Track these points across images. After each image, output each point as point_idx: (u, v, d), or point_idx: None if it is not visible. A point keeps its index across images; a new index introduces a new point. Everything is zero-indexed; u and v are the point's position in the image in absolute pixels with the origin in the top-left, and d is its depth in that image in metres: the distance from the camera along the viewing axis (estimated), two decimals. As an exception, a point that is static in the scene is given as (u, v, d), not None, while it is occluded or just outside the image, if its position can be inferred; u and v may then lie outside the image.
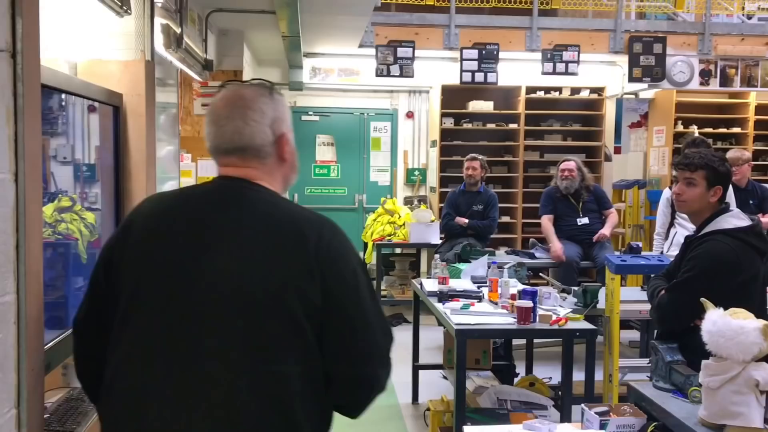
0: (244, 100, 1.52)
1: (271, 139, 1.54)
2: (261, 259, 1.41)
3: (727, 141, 8.14)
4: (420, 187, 9.20)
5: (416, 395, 4.71)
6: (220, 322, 1.39)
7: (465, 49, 7.40)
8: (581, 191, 5.99)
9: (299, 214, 1.50)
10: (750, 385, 1.92)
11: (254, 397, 1.36)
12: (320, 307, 1.40)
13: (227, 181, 1.53)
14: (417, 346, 4.74)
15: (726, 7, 7.95)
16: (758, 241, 2.72)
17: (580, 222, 5.95)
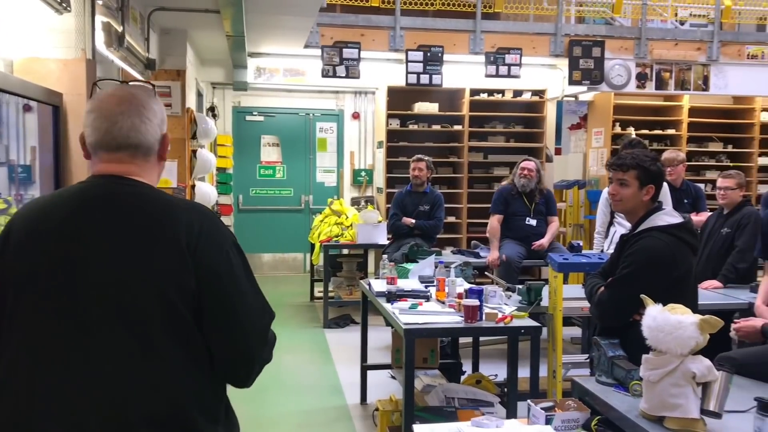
0: (139, 99, 1.56)
1: (158, 138, 1.59)
2: (135, 253, 1.45)
3: (662, 142, 8.43)
4: (367, 188, 9.22)
5: (365, 396, 4.71)
6: (101, 320, 1.42)
7: (410, 50, 7.46)
8: (536, 193, 6.10)
9: (169, 203, 1.53)
10: (687, 378, 2.00)
11: (141, 390, 1.40)
12: (196, 292, 1.45)
13: (102, 180, 1.55)
14: (365, 347, 4.75)
15: (660, 13, 8.23)
16: (689, 237, 2.83)
17: (528, 222, 6.06)
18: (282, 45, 7.48)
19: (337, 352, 5.89)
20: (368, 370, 4.75)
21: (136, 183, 1.55)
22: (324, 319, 6.81)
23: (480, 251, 6.31)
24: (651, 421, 2.08)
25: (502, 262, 5.88)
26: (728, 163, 8.49)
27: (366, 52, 7.48)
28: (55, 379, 1.40)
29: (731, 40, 8.07)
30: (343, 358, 5.67)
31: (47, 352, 1.42)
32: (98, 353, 1.41)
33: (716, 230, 4.93)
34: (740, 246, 4.73)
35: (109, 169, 1.55)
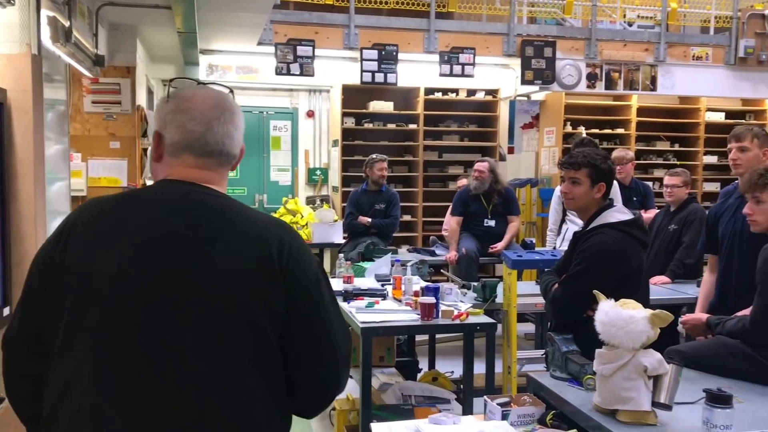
0: (231, 106, 1.48)
1: (241, 148, 1.53)
2: (223, 269, 1.34)
3: (612, 141, 8.61)
4: (322, 187, 9.18)
5: (321, 395, 4.69)
6: (183, 337, 1.31)
7: (365, 49, 7.45)
8: (493, 193, 6.15)
9: (257, 219, 1.44)
10: (639, 371, 2.04)
11: (222, 414, 1.30)
12: (284, 315, 1.36)
13: (181, 186, 1.43)
14: (321, 346, 4.73)
15: (609, 15, 8.41)
16: (640, 233, 2.89)
17: (486, 223, 6.12)
18: (235, 42, 7.38)
19: (293, 352, 5.83)
20: (325, 369, 4.73)
21: (221, 195, 1.45)
22: (279, 319, 6.74)
23: (436, 249, 6.36)
24: (604, 415, 2.12)
25: (463, 255, 5.93)
26: (675, 162, 8.72)
27: (320, 50, 7.45)
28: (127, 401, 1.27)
29: (677, 41, 8.29)
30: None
31: (116, 370, 1.29)
32: (177, 377, 1.29)
33: (664, 227, 5.06)
34: (687, 242, 4.87)
35: (190, 175, 1.43)
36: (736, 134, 3.49)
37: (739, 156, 3.41)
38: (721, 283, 3.38)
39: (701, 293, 3.61)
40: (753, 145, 3.41)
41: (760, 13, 8.20)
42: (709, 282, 3.56)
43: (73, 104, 5.40)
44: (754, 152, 3.40)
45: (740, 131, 3.49)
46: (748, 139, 3.42)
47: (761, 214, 2.74)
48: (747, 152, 3.41)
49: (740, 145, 3.42)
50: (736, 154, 3.43)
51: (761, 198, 2.73)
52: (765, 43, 8.19)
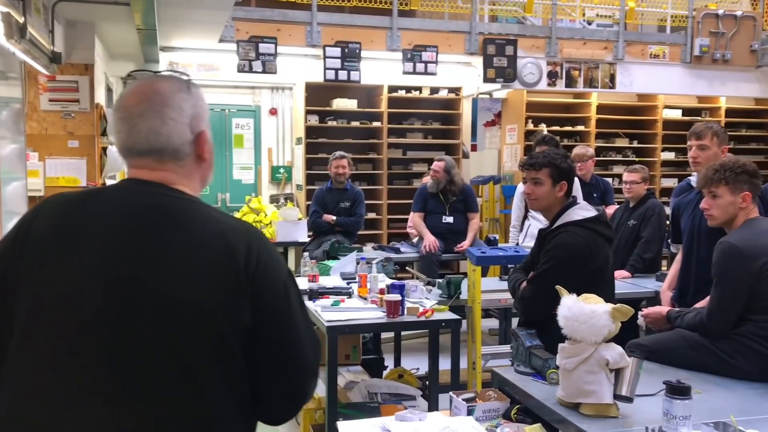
0: (161, 96, 1.36)
1: (190, 139, 1.39)
2: (185, 277, 1.27)
3: (572, 138, 8.74)
4: (286, 185, 9.13)
5: (287, 394, 4.67)
6: (141, 349, 1.25)
7: (328, 46, 7.43)
8: (449, 191, 6.20)
9: (225, 223, 1.35)
10: (601, 365, 2.08)
11: (182, 427, 1.26)
12: (250, 326, 1.30)
13: (143, 186, 1.36)
14: (287, 345, 4.71)
15: (569, 13, 8.52)
16: (604, 229, 2.95)
17: (444, 220, 6.16)
18: (196, 39, 7.29)
19: (258, 352, 5.80)
20: (290, 368, 4.71)
21: (185, 196, 1.37)
22: (244, 318, 6.69)
23: (401, 246, 6.38)
24: (567, 408, 2.16)
25: (422, 256, 5.96)
26: (634, 158, 8.89)
27: (283, 48, 7.40)
28: (80, 414, 1.20)
29: (635, 40, 8.44)
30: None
31: (71, 381, 1.22)
32: (138, 394, 1.23)
33: (623, 222, 5.16)
34: (646, 237, 4.97)
35: (142, 175, 1.37)
36: (696, 132, 3.54)
37: (699, 154, 3.47)
38: (682, 277, 3.46)
39: (672, 269, 3.71)
40: (712, 143, 3.48)
41: (713, 13, 8.40)
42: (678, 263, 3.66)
43: (29, 102, 5.28)
44: (713, 150, 3.47)
45: (700, 129, 3.54)
46: (708, 137, 3.49)
47: (717, 208, 2.81)
48: (707, 150, 3.48)
49: (700, 143, 3.49)
50: (696, 152, 3.50)
51: (717, 193, 2.80)
52: (719, 41, 8.39)
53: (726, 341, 2.57)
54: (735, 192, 2.76)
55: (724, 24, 8.39)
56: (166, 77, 1.42)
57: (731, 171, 2.78)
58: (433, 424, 2.15)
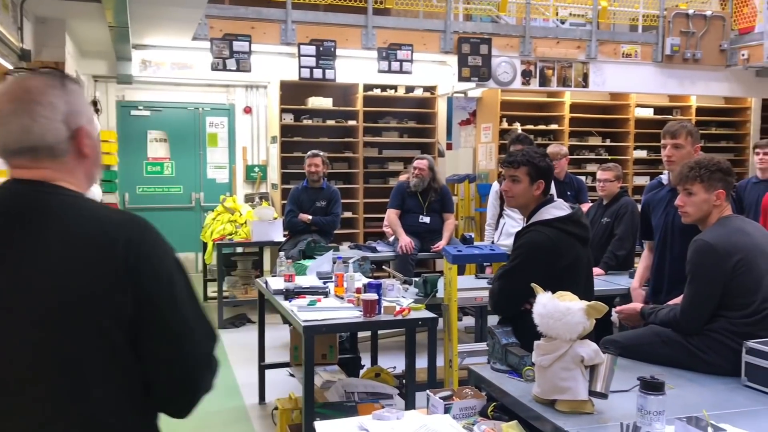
0: (31, 94, 1.34)
1: (66, 135, 1.37)
2: (63, 271, 1.27)
3: (546, 137, 8.81)
4: (261, 184, 9.08)
5: (263, 395, 4.65)
6: (20, 346, 1.25)
7: (302, 45, 7.39)
8: (430, 190, 6.21)
9: (105, 216, 1.35)
10: (576, 361, 2.10)
11: (67, 425, 1.26)
12: (134, 316, 1.29)
13: (21, 186, 1.35)
14: (262, 346, 4.68)
15: (543, 12, 8.58)
16: (576, 228, 2.95)
17: (421, 220, 6.17)
18: (169, 37, 7.22)
19: (234, 353, 5.77)
20: (266, 369, 4.69)
21: (61, 191, 1.35)
22: (219, 319, 6.66)
23: (377, 245, 6.38)
24: (543, 405, 2.17)
25: (399, 255, 5.97)
26: (607, 157, 8.98)
27: (257, 45, 7.35)
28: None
29: (607, 39, 8.53)
30: (240, 358, 5.57)
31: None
32: (21, 392, 1.24)
33: (597, 220, 5.21)
34: (619, 234, 5.02)
35: (21, 174, 1.35)
36: (671, 131, 3.56)
37: (673, 152, 3.49)
38: (655, 275, 3.50)
39: (640, 266, 3.74)
40: (687, 142, 3.51)
41: (684, 13, 8.52)
42: (647, 257, 3.69)
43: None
44: (687, 149, 3.50)
45: (676, 128, 3.56)
46: (682, 137, 3.51)
47: (692, 206, 2.85)
48: (681, 149, 3.50)
49: (675, 142, 3.52)
50: (671, 150, 3.51)
51: (692, 190, 2.83)
52: (689, 41, 8.51)
53: (699, 337, 2.61)
54: (709, 190, 2.80)
55: (694, 24, 8.51)
56: (38, 74, 1.40)
57: (706, 169, 2.82)
58: (410, 422, 2.15)
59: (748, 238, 2.69)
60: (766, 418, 2.12)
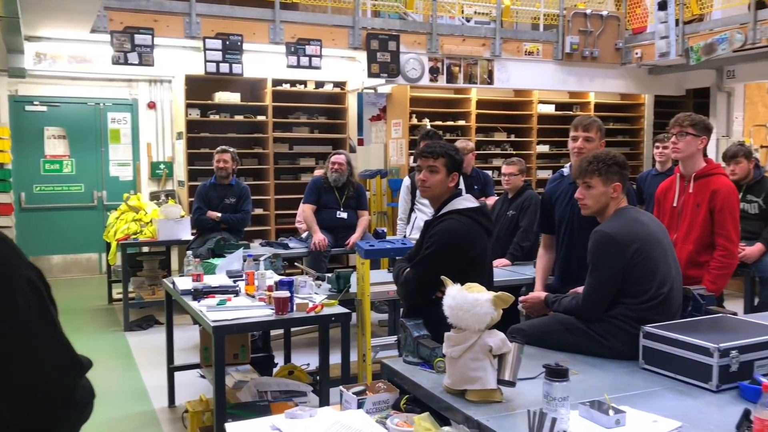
0: None
1: None
2: None
3: (454, 132, 8.98)
4: (167, 182, 8.82)
5: (173, 398, 4.53)
6: None
7: (208, 38, 7.21)
8: (347, 186, 6.20)
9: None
10: (485, 351, 2.15)
11: None
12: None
13: None
14: (171, 348, 4.55)
15: (449, 10, 8.72)
16: (485, 220, 3.06)
17: (339, 215, 6.15)
18: (65, 29, 6.88)
19: (141, 356, 5.59)
20: (176, 371, 4.57)
21: None
22: (125, 321, 6.43)
23: (289, 242, 6.32)
24: (454, 395, 2.21)
25: (312, 252, 5.93)
26: (511, 151, 9.25)
27: (160, 39, 7.11)
28: None
29: (511, 37, 8.76)
30: (148, 361, 5.40)
31: None
32: None
33: (503, 213, 5.36)
34: (524, 226, 5.19)
35: None
36: (583, 124, 3.65)
37: (585, 145, 3.58)
38: (563, 266, 3.63)
39: (537, 268, 3.86)
40: (597, 136, 3.65)
41: (582, 12, 8.87)
42: (544, 257, 3.82)
43: None
44: (596, 143, 3.64)
45: (588, 122, 3.66)
46: (594, 130, 3.64)
47: (591, 198, 2.97)
48: (592, 142, 3.62)
49: (587, 135, 3.63)
50: (582, 143, 3.61)
51: (591, 183, 2.95)
52: (587, 40, 8.87)
53: (600, 323, 2.73)
54: (607, 183, 2.92)
55: (591, 23, 8.88)
56: None
57: (604, 163, 2.94)
58: (324, 419, 2.15)
59: (644, 228, 2.83)
60: (662, 398, 2.24)
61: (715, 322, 2.71)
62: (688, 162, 3.86)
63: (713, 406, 2.15)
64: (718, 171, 3.90)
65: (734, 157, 5.31)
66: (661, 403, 2.18)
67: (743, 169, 5.29)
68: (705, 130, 3.84)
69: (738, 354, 2.28)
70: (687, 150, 3.81)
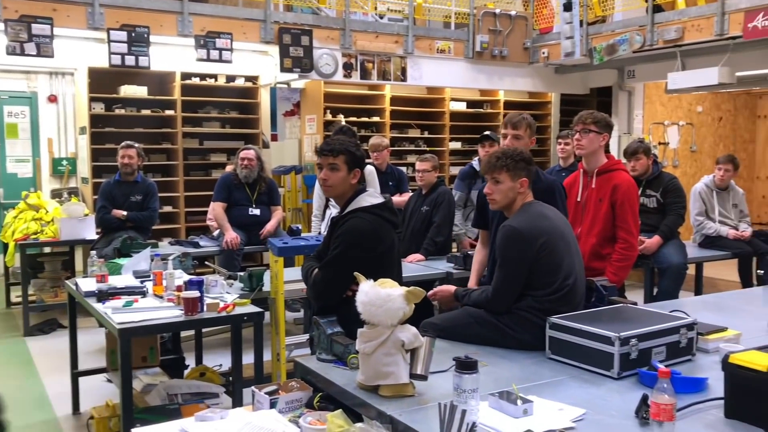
0: None
1: None
2: None
3: (369, 129, 9.00)
4: (70, 179, 8.44)
5: (77, 405, 4.34)
6: None
7: (112, 30, 6.93)
8: (259, 182, 6.09)
9: None
10: (397, 346, 2.16)
11: None
12: None
13: None
14: (75, 352, 4.36)
15: (362, 6, 8.73)
16: (390, 215, 3.07)
17: (251, 212, 6.05)
18: (-47, 16, 6.45)
19: (43, 362, 5.33)
20: (80, 376, 4.38)
21: None
22: (24, 326, 6.12)
23: (200, 240, 6.17)
24: (367, 391, 2.22)
25: (224, 250, 5.82)
26: (425, 148, 9.36)
27: (61, 29, 6.76)
28: None
29: (423, 35, 8.85)
30: (50, 367, 5.16)
31: None
32: None
33: (417, 209, 5.42)
34: (438, 221, 5.26)
35: None
36: (513, 122, 3.67)
37: (513, 143, 3.60)
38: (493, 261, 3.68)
39: (473, 263, 3.91)
40: (526, 134, 3.69)
41: (491, 12, 9.07)
42: (480, 253, 3.86)
43: None
44: (524, 141, 3.69)
45: (516, 120, 3.68)
46: (522, 128, 3.68)
47: (499, 193, 3.03)
48: (521, 140, 3.65)
49: (516, 133, 3.66)
50: (511, 141, 3.63)
51: (499, 179, 3.02)
52: (497, 39, 9.08)
53: (508, 315, 2.80)
54: (514, 178, 2.99)
55: (500, 22, 9.09)
56: None
57: (511, 159, 3.01)
58: (235, 421, 2.10)
59: (549, 222, 2.92)
60: (567, 386, 2.32)
61: (616, 312, 2.83)
62: (590, 158, 4.02)
63: (615, 393, 2.24)
64: (618, 167, 4.07)
65: (634, 153, 5.56)
66: (566, 391, 2.26)
67: (643, 165, 5.55)
68: (607, 128, 4.01)
69: (637, 342, 2.39)
70: (590, 147, 3.96)
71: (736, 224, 6.13)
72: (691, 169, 10.40)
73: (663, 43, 7.73)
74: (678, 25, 7.53)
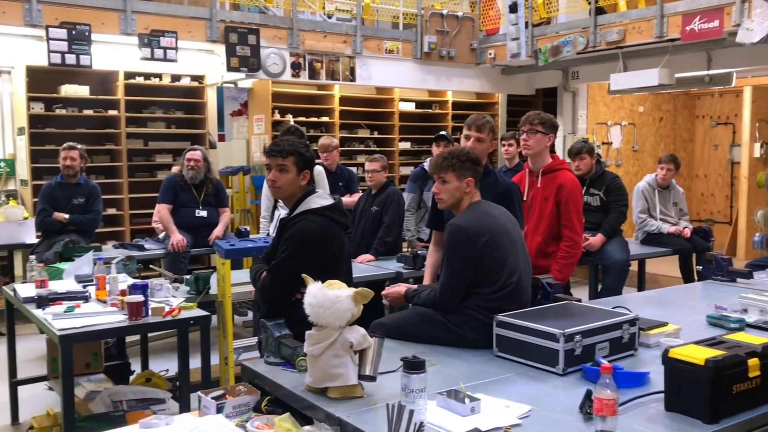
0: None
1: None
2: None
3: (318, 129, 8.97)
4: (8, 181, 8.14)
5: (16, 414, 4.20)
6: None
7: (51, 27, 6.72)
8: (205, 183, 5.99)
9: None
10: (346, 348, 2.16)
11: None
12: None
13: None
14: (14, 360, 4.22)
15: (310, 5, 8.69)
16: (340, 216, 3.07)
17: (198, 214, 5.95)
18: None
19: (-21, 371, 5.13)
20: (19, 385, 4.24)
21: None
22: (-40, 334, 5.87)
23: (145, 243, 6.04)
24: (316, 394, 2.20)
25: (170, 253, 5.71)
26: (375, 148, 9.37)
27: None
28: None
29: (371, 35, 8.86)
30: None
31: None
32: None
33: (367, 209, 5.42)
34: (387, 222, 5.28)
35: None
36: (477, 125, 3.64)
37: (476, 145, 3.58)
38: None
39: (427, 264, 3.90)
40: (488, 137, 3.69)
41: (439, 13, 9.13)
42: (434, 254, 3.86)
43: None
44: (486, 144, 3.68)
45: (481, 122, 3.65)
46: (486, 131, 3.66)
47: (446, 193, 3.06)
48: (483, 143, 3.63)
49: (479, 136, 3.64)
50: (474, 143, 3.60)
51: (446, 179, 3.04)
52: (444, 40, 9.15)
53: (455, 314, 2.82)
54: (461, 178, 3.02)
55: (448, 23, 9.16)
56: None
57: (458, 159, 3.04)
58: (181, 427, 2.07)
59: (494, 220, 2.96)
60: (514, 383, 2.35)
61: (561, 309, 2.88)
62: (536, 158, 4.09)
63: (560, 389, 2.28)
64: (563, 166, 4.16)
65: (578, 153, 5.68)
66: (513, 388, 2.29)
67: (586, 164, 5.67)
68: (553, 129, 4.08)
69: (581, 338, 2.44)
70: (537, 147, 4.03)
71: (677, 222, 6.32)
72: (633, 168, 10.68)
73: (605, 45, 7.91)
74: (620, 27, 7.72)
